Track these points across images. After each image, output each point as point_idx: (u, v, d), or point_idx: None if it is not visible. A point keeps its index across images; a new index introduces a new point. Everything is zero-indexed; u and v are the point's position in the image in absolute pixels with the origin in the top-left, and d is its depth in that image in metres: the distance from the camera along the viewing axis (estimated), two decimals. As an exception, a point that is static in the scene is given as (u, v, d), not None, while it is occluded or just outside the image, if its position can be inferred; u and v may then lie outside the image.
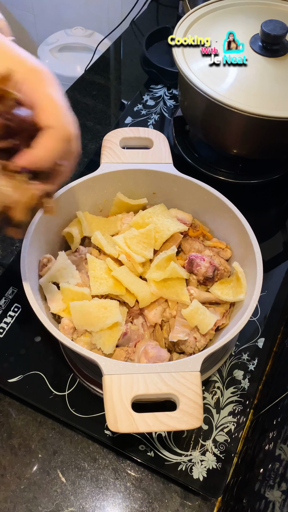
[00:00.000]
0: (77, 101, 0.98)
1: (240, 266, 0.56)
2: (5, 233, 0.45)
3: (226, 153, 0.76)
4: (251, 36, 0.69)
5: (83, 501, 0.54)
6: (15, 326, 0.63)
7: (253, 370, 0.62)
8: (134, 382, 0.44)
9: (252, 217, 0.57)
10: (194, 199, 0.62)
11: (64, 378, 0.59)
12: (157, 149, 0.63)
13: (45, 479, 0.55)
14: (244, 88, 0.64)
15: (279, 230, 0.78)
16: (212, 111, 0.67)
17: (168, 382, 0.44)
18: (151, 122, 0.91)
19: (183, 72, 0.67)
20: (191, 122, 0.79)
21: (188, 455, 0.55)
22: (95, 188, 0.61)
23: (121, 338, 0.52)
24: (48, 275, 0.54)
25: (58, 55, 1.43)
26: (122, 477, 0.56)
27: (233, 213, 0.57)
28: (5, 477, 0.55)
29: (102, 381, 0.44)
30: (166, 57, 0.99)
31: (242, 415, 0.58)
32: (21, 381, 0.59)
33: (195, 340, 0.53)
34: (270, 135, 0.68)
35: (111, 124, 0.94)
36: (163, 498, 0.55)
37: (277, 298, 0.68)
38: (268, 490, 0.47)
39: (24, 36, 1.69)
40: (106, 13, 1.45)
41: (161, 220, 0.59)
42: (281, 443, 0.49)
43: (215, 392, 0.60)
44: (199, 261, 0.56)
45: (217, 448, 0.56)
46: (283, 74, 0.66)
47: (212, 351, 0.46)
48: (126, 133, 0.64)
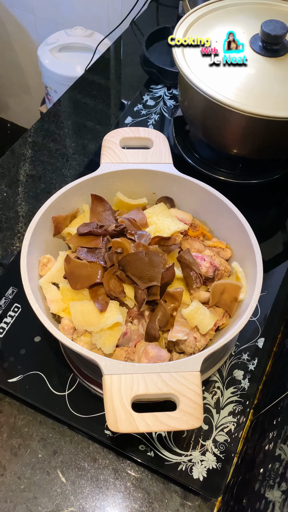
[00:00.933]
0: (77, 101, 0.98)
1: (239, 266, 0.56)
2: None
3: (226, 153, 0.76)
4: (251, 36, 0.69)
5: (83, 501, 0.54)
6: (15, 326, 0.63)
7: (253, 370, 0.62)
8: (134, 382, 0.44)
9: (252, 217, 0.57)
10: (194, 199, 0.62)
11: (64, 378, 0.59)
12: (157, 149, 0.63)
13: (45, 479, 0.55)
14: (244, 88, 0.64)
15: (279, 230, 0.78)
16: (212, 111, 0.67)
17: (168, 382, 0.44)
18: (151, 122, 0.91)
19: (183, 72, 0.67)
20: (191, 122, 0.79)
21: (188, 455, 0.55)
22: (95, 188, 0.61)
23: (121, 338, 0.52)
24: (48, 275, 0.54)
25: (58, 55, 1.43)
26: (122, 477, 0.56)
27: (233, 213, 0.57)
28: (5, 477, 0.55)
29: (102, 381, 0.44)
30: (166, 57, 0.99)
31: (242, 415, 0.58)
32: (21, 381, 0.59)
33: (195, 340, 0.53)
34: (270, 135, 0.68)
35: (111, 124, 0.94)
36: (163, 498, 0.55)
37: (277, 298, 0.68)
38: (268, 490, 0.47)
39: (24, 36, 1.69)
40: (106, 13, 1.45)
41: (161, 219, 0.59)
42: (281, 443, 0.49)
43: (215, 392, 0.60)
44: (200, 261, 0.56)
45: (217, 448, 0.56)
46: (283, 74, 0.65)
47: (212, 351, 0.46)
48: (126, 133, 0.64)
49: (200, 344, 0.53)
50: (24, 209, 0.79)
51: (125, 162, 0.61)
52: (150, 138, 0.64)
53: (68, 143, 0.90)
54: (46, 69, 1.41)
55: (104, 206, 0.59)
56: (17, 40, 1.73)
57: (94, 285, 0.52)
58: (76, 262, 0.53)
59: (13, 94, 1.97)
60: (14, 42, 1.74)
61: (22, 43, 1.72)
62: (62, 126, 0.93)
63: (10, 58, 1.81)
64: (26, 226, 0.71)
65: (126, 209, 0.63)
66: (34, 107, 1.89)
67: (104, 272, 0.52)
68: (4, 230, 0.76)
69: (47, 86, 1.48)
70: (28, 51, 1.73)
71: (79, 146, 0.90)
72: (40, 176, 0.84)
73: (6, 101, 2.02)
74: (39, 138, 0.90)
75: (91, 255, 0.54)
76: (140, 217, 0.58)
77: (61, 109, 0.96)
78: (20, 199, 0.80)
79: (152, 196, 0.64)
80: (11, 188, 0.82)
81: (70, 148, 0.89)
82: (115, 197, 0.62)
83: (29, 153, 0.87)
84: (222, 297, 0.54)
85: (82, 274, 0.52)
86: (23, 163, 0.86)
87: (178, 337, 0.52)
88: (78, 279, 0.52)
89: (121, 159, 0.61)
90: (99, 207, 0.59)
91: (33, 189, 0.82)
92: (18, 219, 0.78)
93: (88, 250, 0.54)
